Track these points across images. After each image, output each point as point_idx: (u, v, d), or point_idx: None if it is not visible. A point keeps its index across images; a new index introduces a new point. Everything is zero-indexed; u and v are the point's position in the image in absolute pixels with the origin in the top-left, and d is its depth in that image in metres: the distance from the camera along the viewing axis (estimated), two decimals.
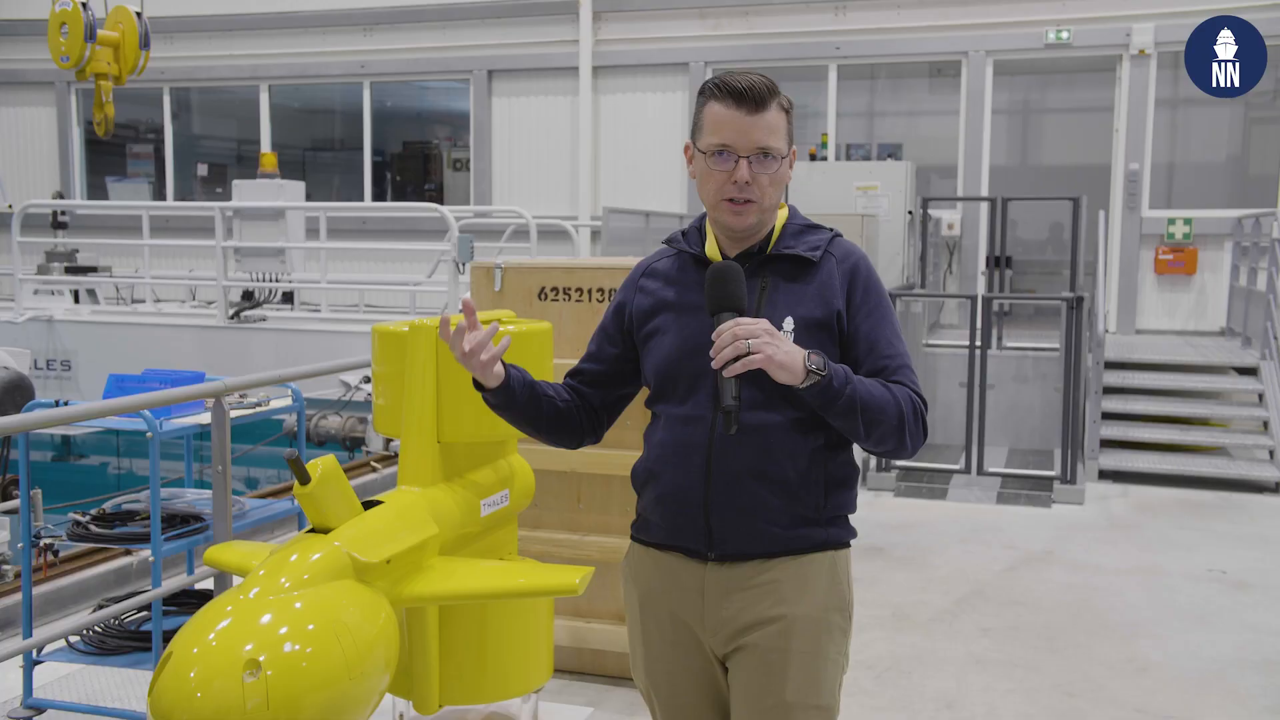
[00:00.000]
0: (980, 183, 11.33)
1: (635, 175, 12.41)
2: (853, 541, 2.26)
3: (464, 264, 7.75)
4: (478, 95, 13.07)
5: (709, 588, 2.14)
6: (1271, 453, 7.97)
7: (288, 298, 10.81)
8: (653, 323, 2.21)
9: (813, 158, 10.74)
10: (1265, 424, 8.22)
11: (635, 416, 4.22)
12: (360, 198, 13.93)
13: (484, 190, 13.06)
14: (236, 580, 4.01)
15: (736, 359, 1.92)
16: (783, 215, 2.21)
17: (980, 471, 7.56)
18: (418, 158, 15.08)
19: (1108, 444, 8.11)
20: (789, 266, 2.16)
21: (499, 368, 2.14)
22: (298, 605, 2.54)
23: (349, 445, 7.82)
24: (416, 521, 2.97)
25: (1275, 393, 8.23)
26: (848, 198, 10.00)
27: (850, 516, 2.23)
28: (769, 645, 2.10)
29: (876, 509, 7.13)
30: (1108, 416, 8.18)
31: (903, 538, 6.40)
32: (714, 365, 1.95)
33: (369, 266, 13.12)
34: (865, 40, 11.57)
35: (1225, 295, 10.53)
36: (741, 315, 1.99)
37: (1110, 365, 8.51)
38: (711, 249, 2.19)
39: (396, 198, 14.44)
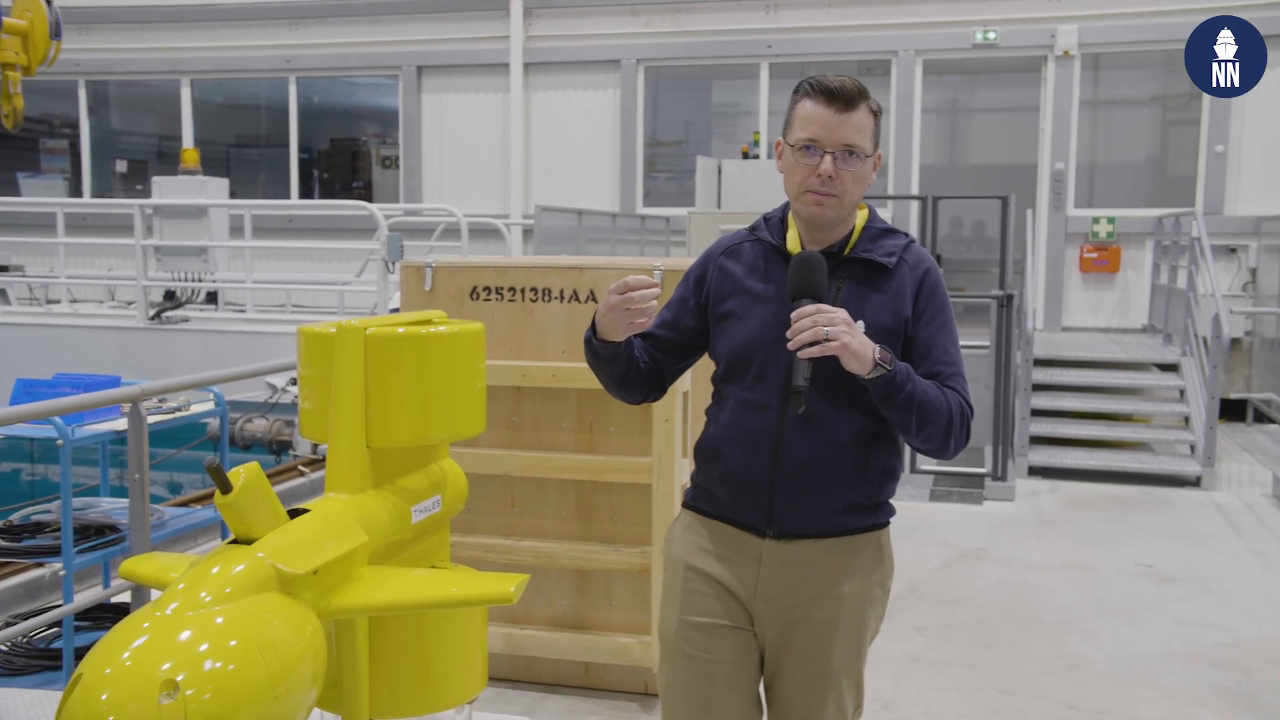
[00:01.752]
0: (911, 181, 11.43)
1: (567, 173, 12.32)
2: None
3: (393, 263, 7.60)
4: (407, 92, 12.88)
5: (766, 561, 2.28)
6: (1192, 447, 8.13)
7: (211, 298, 10.54)
8: (728, 304, 2.32)
9: (745, 156, 10.73)
10: (1186, 419, 8.39)
11: (570, 419, 4.16)
12: (286, 195, 13.65)
13: (414, 188, 12.88)
14: (156, 594, 3.87)
15: (814, 343, 2.04)
16: (862, 217, 2.32)
17: (913, 469, 7.60)
18: (345, 155, 14.83)
19: (1037, 441, 8.21)
20: (865, 270, 2.27)
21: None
22: (219, 620, 2.42)
23: (275, 449, 7.63)
24: (344, 530, 2.86)
25: (1195, 389, 8.41)
26: (780, 195, 9.98)
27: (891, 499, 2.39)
28: (820, 619, 2.27)
29: None
30: (1036, 413, 8.29)
31: None
32: (790, 346, 2.07)
33: (295, 265, 12.85)
34: (796, 39, 11.61)
35: (1147, 293, 10.75)
36: (821, 303, 2.10)
37: (1038, 362, 8.62)
38: (793, 242, 2.30)
39: (324, 195, 14.18)
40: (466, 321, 3.30)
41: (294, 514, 2.83)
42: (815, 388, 2.15)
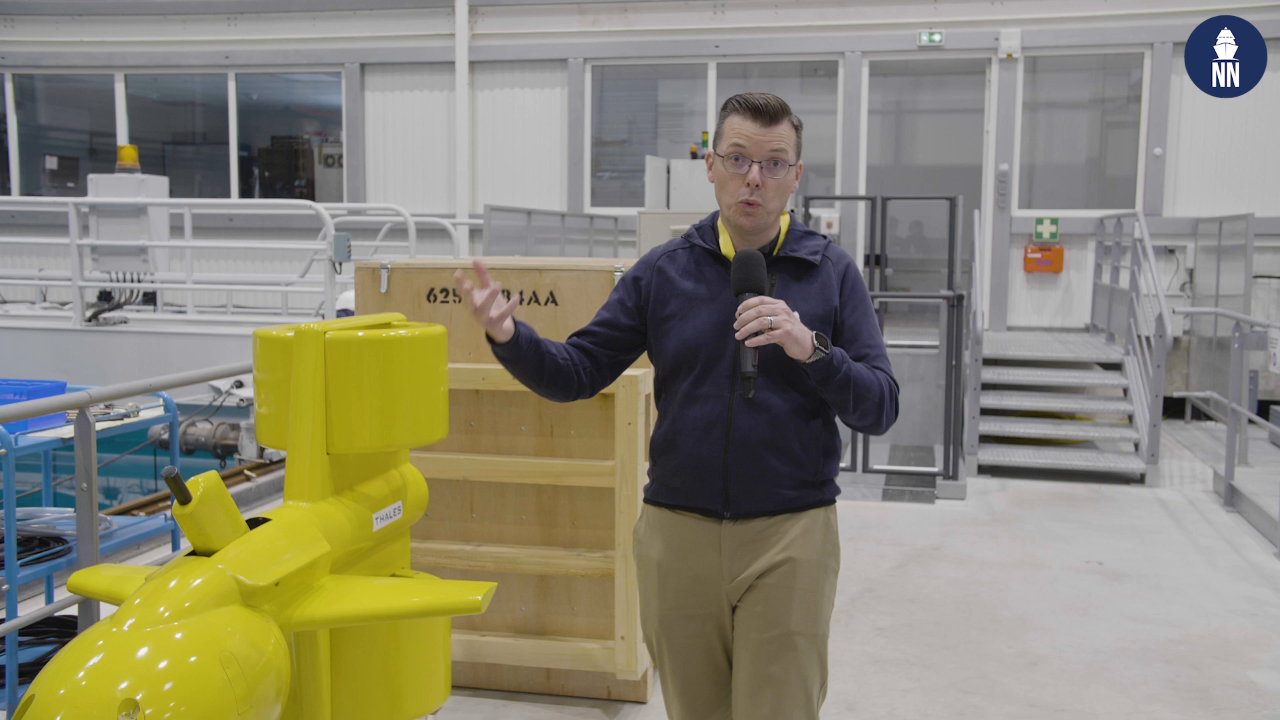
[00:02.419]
0: (858, 182, 11.50)
1: (514, 173, 12.23)
2: None
3: (340, 263, 7.47)
4: (350, 89, 12.69)
5: (725, 542, 2.46)
6: (1136, 445, 8.27)
7: (149, 299, 10.29)
8: (669, 307, 2.50)
9: (694, 155, 10.71)
10: (1130, 417, 8.53)
11: (530, 422, 4.10)
12: (224, 194, 13.39)
13: (357, 187, 12.69)
14: (107, 609, 3.74)
15: (759, 332, 2.23)
16: (785, 222, 2.52)
17: (865, 469, 7.64)
18: (287, 153, 14.56)
19: (986, 439, 8.30)
20: (794, 268, 2.48)
21: (508, 324, 2.38)
22: (178, 636, 2.34)
23: (220, 453, 7.46)
24: (306, 539, 2.79)
25: (1138, 387, 8.55)
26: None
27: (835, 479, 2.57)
28: (776, 584, 2.43)
29: None
30: (985, 412, 8.37)
31: None
32: (738, 336, 2.25)
33: (235, 266, 12.61)
34: (744, 39, 11.62)
35: (1089, 292, 10.91)
36: (763, 295, 2.29)
37: (986, 362, 8.71)
38: (726, 246, 2.48)
39: (265, 194, 13.93)
40: (427, 324, 3.24)
41: (253, 523, 2.75)
42: (760, 375, 2.35)
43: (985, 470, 8.08)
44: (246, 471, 7.30)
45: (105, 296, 9.55)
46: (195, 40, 13.00)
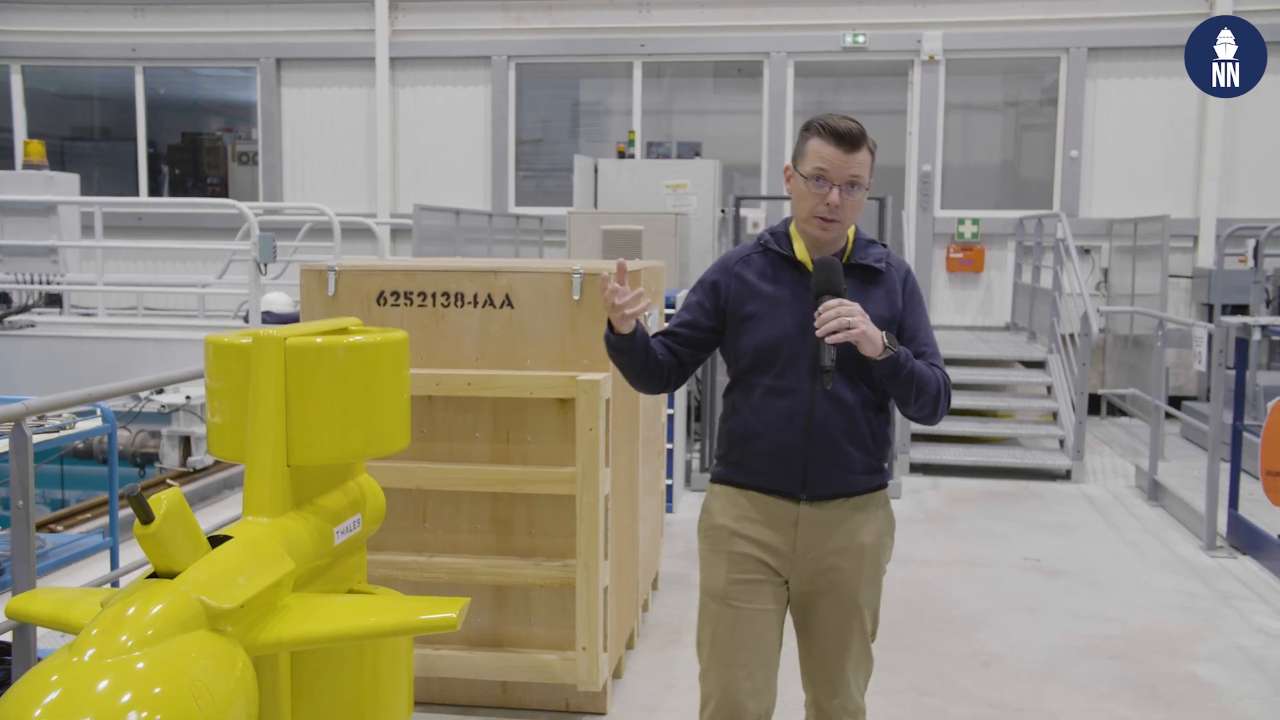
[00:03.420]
0: (783, 182, 11.53)
1: (438, 172, 12.01)
2: (684, 548, 3.89)
3: (266, 264, 7.23)
4: (265, 85, 12.34)
5: (802, 523, 2.70)
6: (1061, 442, 8.42)
7: (52, 301, 9.85)
8: (749, 307, 2.71)
9: (621, 155, 10.64)
10: (1054, 415, 8.69)
11: (485, 428, 3.98)
12: (129, 191, 12.89)
13: (274, 185, 12.35)
14: (47, 634, 3.53)
15: (837, 330, 2.46)
16: (852, 232, 2.76)
17: None
18: (198, 150, 14.09)
19: (916, 438, 8.37)
20: (863, 273, 2.71)
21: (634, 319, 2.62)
22: (140, 666, 2.20)
23: (140, 462, 7.17)
24: (270, 557, 2.65)
25: (1062, 385, 8.72)
26: (658, 196, 9.94)
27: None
28: (847, 565, 2.72)
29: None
30: None
31: None
32: (819, 333, 2.47)
33: (143, 266, 12.17)
34: (670, 38, 11.58)
35: (1010, 292, 11.11)
36: (841, 298, 2.53)
37: None
38: (802, 253, 2.70)
39: (175, 193, 13.46)
40: (388, 329, 3.12)
41: (214, 541, 2.60)
42: (837, 372, 2.58)
43: (917, 469, 8.16)
44: (169, 480, 7.02)
45: (4, 299, 9.12)
46: (99, 31, 12.51)
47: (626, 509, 4.36)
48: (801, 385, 2.65)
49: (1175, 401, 9.91)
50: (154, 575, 2.42)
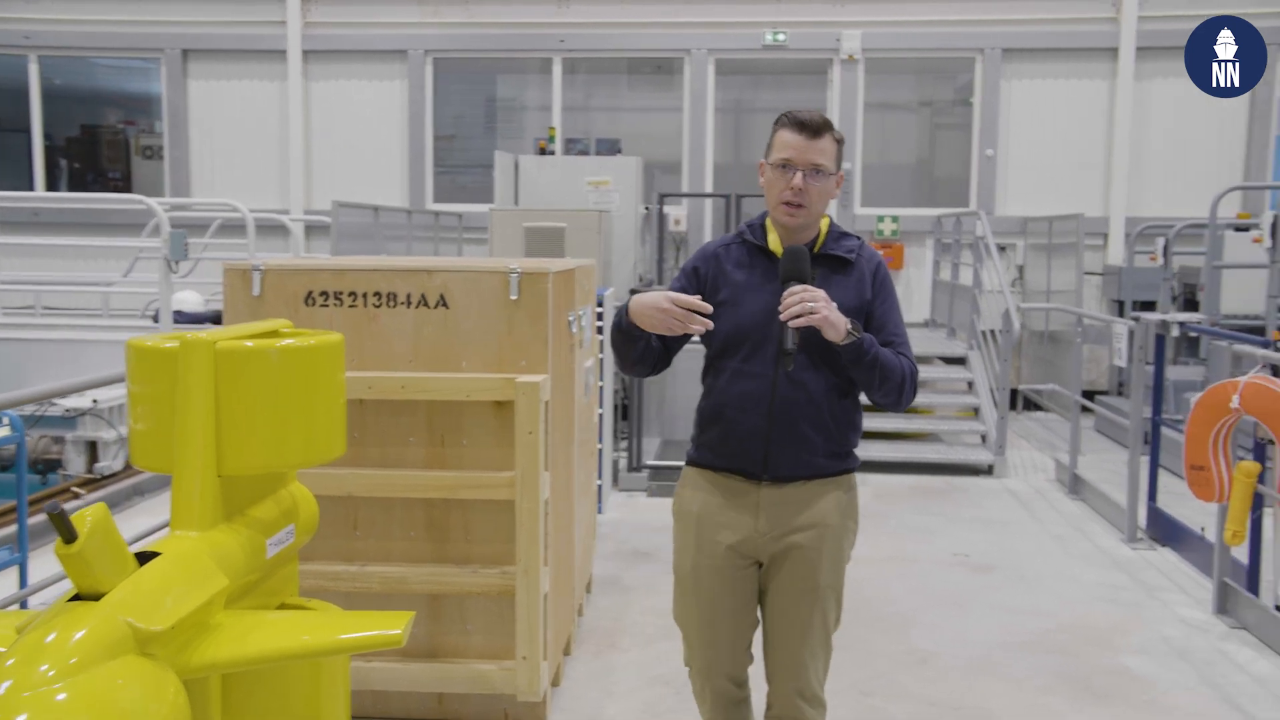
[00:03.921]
0: (705, 179, 11.53)
1: (353, 168, 11.74)
2: (615, 549, 3.82)
3: (176, 262, 6.96)
4: (171, 76, 11.94)
5: (763, 504, 2.79)
6: (983, 437, 8.54)
7: None
8: (722, 294, 2.80)
9: (542, 152, 10.51)
10: (976, 410, 8.81)
11: (419, 432, 3.85)
12: (24, 186, 12.35)
13: (181, 181, 11.96)
14: None
15: (800, 315, 2.55)
16: (825, 224, 2.85)
17: None
18: (98, 143, 13.58)
19: None
20: (833, 263, 2.81)
21: None
22: (62, 697, 2.04)
23: (42, 469, 6.85)
24: (202, 574, 2.49)
25: (983, 380, 8.84)
26: (579, 193, 9.85)
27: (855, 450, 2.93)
28: (810, 545, 2.78)
29: (632, 511, 7.03)
30: None
31: (666, 540, 6.21)
32: (783, 317, 2.57)
33: (40, 264, 11.67)
34: (589, 34, 11.49)
35: (929, 288, 11.25)
36: (807, 285, 2.61)
37: None
38: (774, 243, 2.81)
39: (74, 187, 12.92)
40: (322, 332, 2.97)
41: (141, 558, 2.44)
42: (800, 356, 2.66)
43: None
44: (74, 489, 6.73)
45: None
46: None
47: (564, 513, 4.27)
48: (766, 369, 2.74)
49: (1088, 396, 10.12)
50: (76, 597, 2.25)
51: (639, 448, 7.64)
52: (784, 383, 2.72)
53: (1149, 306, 10.22)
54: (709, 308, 2.65)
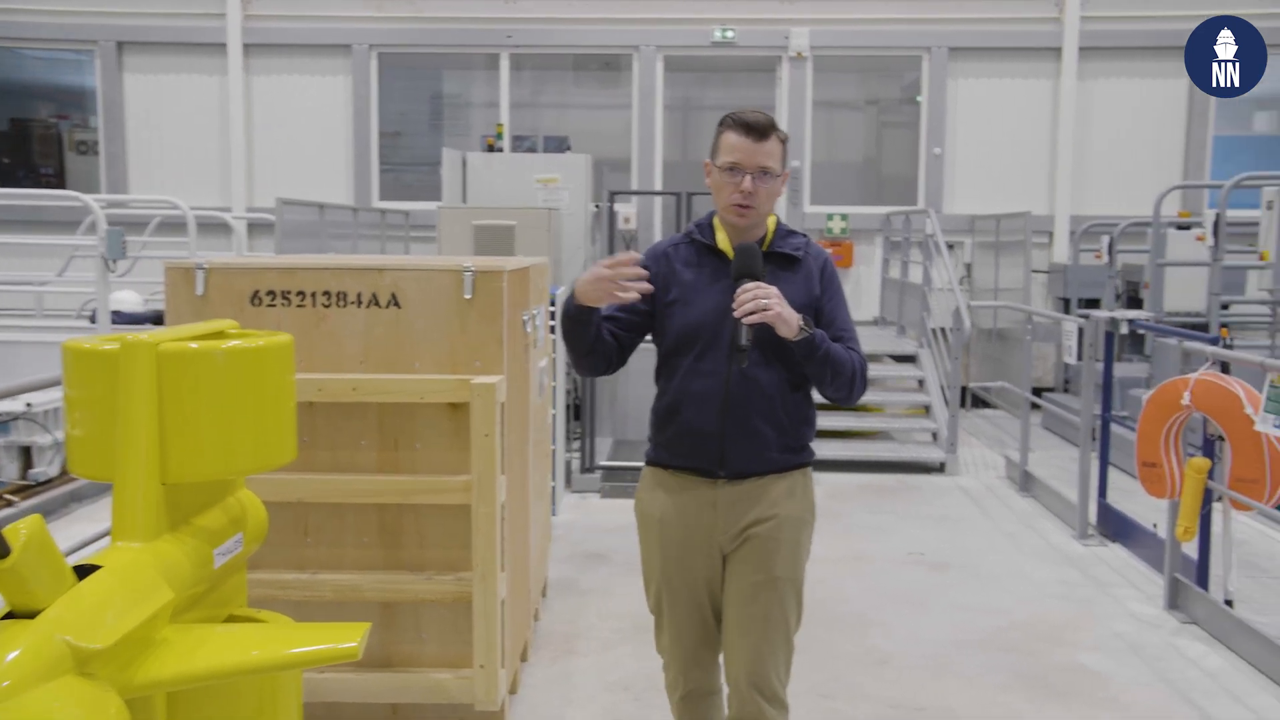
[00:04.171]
0: (654, 177, 11.47)
1: (297, 165, 11.51)
2: (570, 552, 3.85)
3: (114, 260, 6.75)
4: (106, 70, 11.62)
5: (721, 499, 2.81)
6: (934, 435, 8.57)
7: None
8: (673, 294, 2.84)
9: (490, 149, 10.38)
10: (927, 408, 8.84)
11: (371, 435, 3.75)
12: None
13: (118, 177, 11.65)
14: None
15: (755, 312, 2.59)
16: (772, 222, 2.89)
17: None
18: (29, 137, 13.18)
19: None
20: (781, 261, 2.84)
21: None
22: None
23: None
24: (146, 587, 2.38)
25: (934, 378, 8.87)
26: (528, 190, 9.74)
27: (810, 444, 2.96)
28: (766, 535, 2.80)
29: (586, 512, 6.95)
30: None
31: (621, 541, 6.23)
32: (736, 314, 2.60)
33: None
34: (538, 29, 11.37)
35: (878, 286, 11.28)
36: (760, 282, 2.65)
37: None
38: (723, 242, 2.85)
39: (4, 184, 12.53)
40: (271, 333, 2.86)
41: (80, 572, 2.32)
42: (753, 352, 2.69)
43: None
44: (6, 495, 6.50)
45: None
46: None
47: (520, 516, 4.18)
48: (719, 367, 2.77)
49: (1036, 393, 10.21)
50: (10, 615, 2.13)
51: (592, 448, 7.56)
52: (737, 380, 2.75)
53: (1093, 304, 10.35)
54: (638, 260, 2.68)
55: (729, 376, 2.76)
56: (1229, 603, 4.91)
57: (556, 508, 6.75)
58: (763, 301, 2.59)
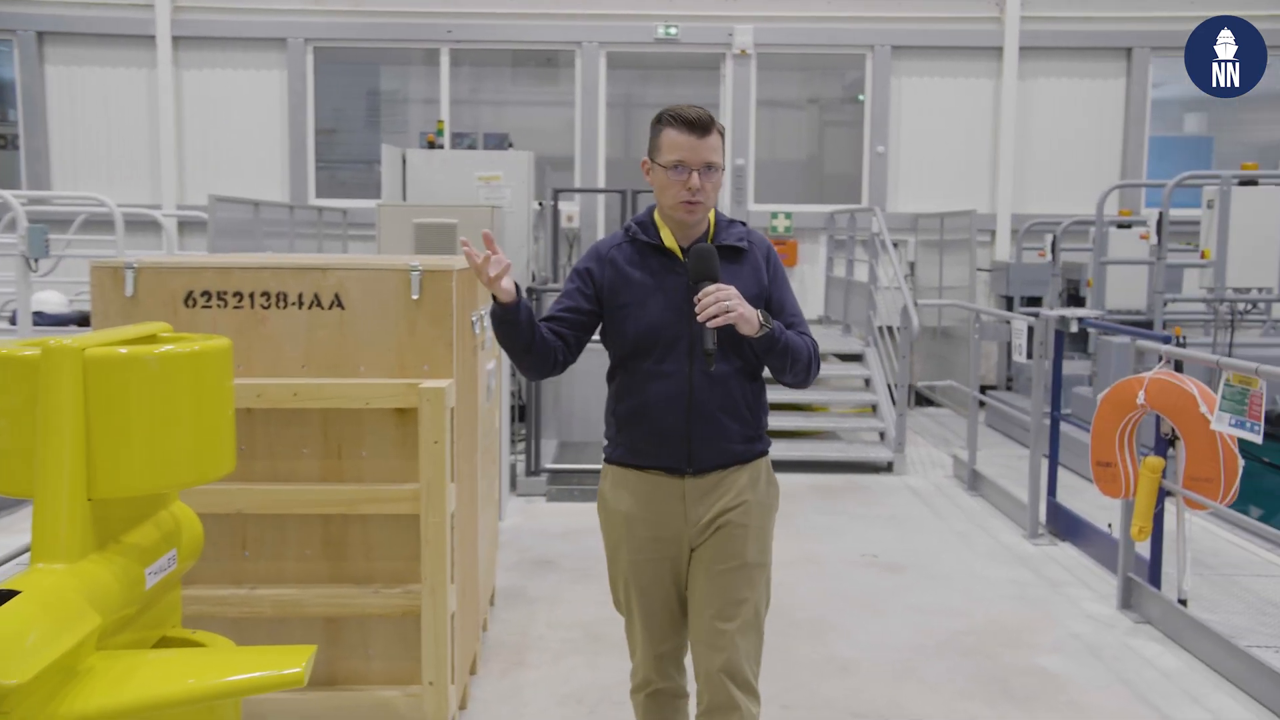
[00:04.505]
0: (597, 174, 11.33)
1: (230, 161, 11.20)
2: (517, 559, 4.28)
3: (36, 260, 6.46)
4: (25, 61, 11.20)
5: (689, 494, 2.83)
6: (881, 434, 8.53)
7: None
8: (623, 296, 2.82)
9: (431, 145, 10.16)
10: (874, 407, 8.80)
11: (314, 443, 3.57)
12: None
13: (39, 172, 11.24)
14: None
15: (718, 315, 2.60)
16: (711, 214, 2.88)
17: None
18: None
19: None
20: (728, 253, 2.83)
21: (508, 283, 2.64)
22: None
23: None
24: (70, 613, 2.20)
25: (880, 377, 8.84)
26: (469, 188, 9.54)
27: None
28: (736, 522, 2.83)
29: (532, 517, 6.79)
30: None
31: (569, 547, 6.09)
32: (701, 319, 2.61)
33: None
34: (479, 24, 11.17)
35: (823, 285, 11.25)
36: (717, 283, 2.66)
37: None
38: (669, 240, 2.83)
39: None
40: (207, 336, 2.68)
41: None
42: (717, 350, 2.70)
43: None
44: None
45: None
46: None
47: (469, 525, 4.02)
48: (680, 368, 2.78)
49: (980, 392, 10.24)
50: None
51: (537, 451, 7.40)
52: (699, 379, 2.77)
53: (1035, 301, 10.41)
54: (485, 233, 2.59)
55: (691, 376, 2.78)
56: (1183, 602, 4.90)
57: (502, 512, 6.59)
58: (725, 304, 2.60)
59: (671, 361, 2.78)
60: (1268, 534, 5.50)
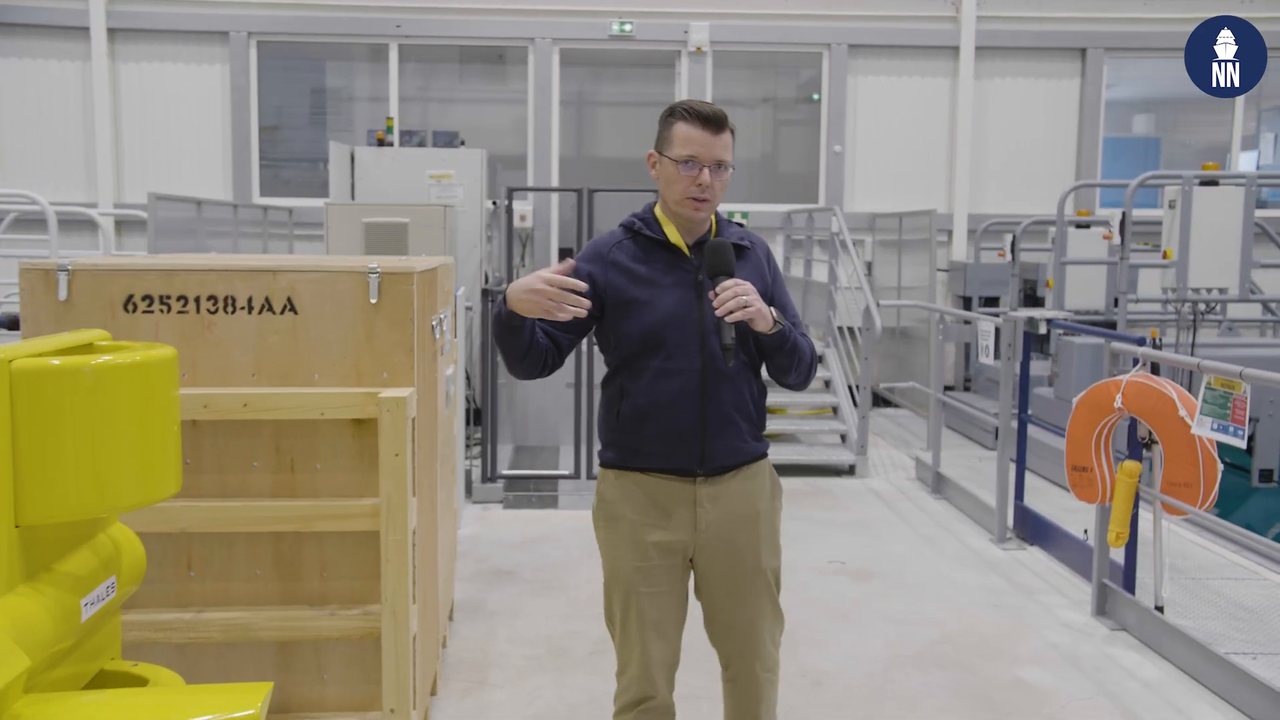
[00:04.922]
0: (550, 173, 11.12)
1: (169, 158, 10.83)
2: (475, 570, 4.55)
3: None
4: None
5: (701, 497, 2.78)
6: (843, 436, 8.42)
7: None
8: (630, 293, 2.75)
9: (381, 143, 9.89)
10: (834, 409, 8.69)
11: (265, 456, 3.34)
12: None
13: None
14: None
15: (736, 310, 2.55)
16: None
17: (589, 476, 7.25)
18: None
19: None
20: (735, 252, 2.75)
21: None
22: None
23: None
24: None
25: (840, 379, 8.73)
26: (420, 187, 9.29)
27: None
28: (749, 531, 2.82)
29: (490, 525, 6.58)
30: None
31: (528, 556, 5.89)
32: (719, 313, 2.56)
33: None
34: (429, 20, 10.91)
35: None
36: (734, 278, 2.61)
37: None
38: (674, 235, 2.78)
39: None
40: (150, 345, 2.45)
41: None
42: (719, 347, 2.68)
43: None
44: None
45: None
46: None
47: (429, 539, 3.82)
48: (691, 365, 2.72)
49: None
50: None
51: (493, 456, 7.19)
52: (711, 376, 2.72)
53: (993, 302, 10.37)
54: (584, 286, 2.56)
55: (703, 373, 2.72)
56: (1159, 608, 4.81)
57: (458, 521, 6.37)
58: (744, 298, 2.56)
59: (680, 359, 2.73)
60: (1239, 537, 5.44)
